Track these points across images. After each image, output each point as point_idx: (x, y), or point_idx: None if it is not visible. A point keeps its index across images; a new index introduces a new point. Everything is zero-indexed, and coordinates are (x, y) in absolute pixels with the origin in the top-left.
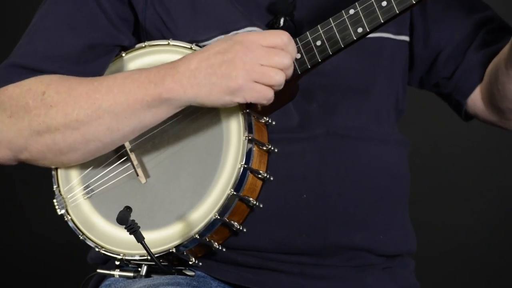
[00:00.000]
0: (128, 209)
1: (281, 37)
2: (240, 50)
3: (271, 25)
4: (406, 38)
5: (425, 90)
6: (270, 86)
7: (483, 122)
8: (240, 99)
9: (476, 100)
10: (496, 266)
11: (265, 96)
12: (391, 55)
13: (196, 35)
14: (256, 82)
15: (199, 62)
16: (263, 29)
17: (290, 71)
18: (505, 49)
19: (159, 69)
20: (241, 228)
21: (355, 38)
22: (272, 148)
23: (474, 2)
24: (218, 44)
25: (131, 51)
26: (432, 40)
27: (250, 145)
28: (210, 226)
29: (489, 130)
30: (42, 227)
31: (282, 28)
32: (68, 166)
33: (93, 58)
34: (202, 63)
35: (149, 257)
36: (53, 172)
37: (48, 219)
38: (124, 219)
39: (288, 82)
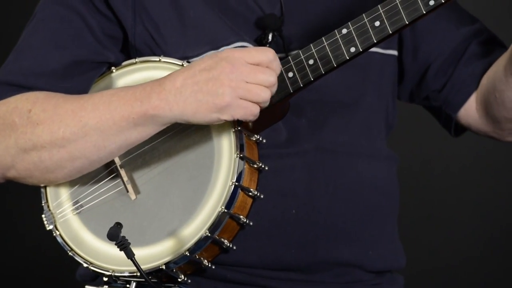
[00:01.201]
0: (118, 225)
1: (266, 54)
2: (226, 67)
3: (260, 41)
4: (395, 52)
5: (415, 105)
6: (256, 103)
7: (476, 133)
8: (227, 116)
9: (470, 110)
10: (485, 284)
11: (251, 112)
12: (380, 69)
13: (186, 51)
14: (242, 99)
15: (185, 79)
16: (252, 44)
17: (275, 88)
18: (504, 57)
19: (145, 87)
20: (230, 245)
21: (348, 58)
22: (263, 166)
23: (462, 15)
24: (203, 61)
25: (122, 67)
26: (421, 53)
27: (241, 163)
28: (201, 244)
29: (479, 146)
30: (31, 243)
31: (271, 43)
32: (55, 184)
33: (79, 74)
34: (187, 80)
35: (138, 274)
36: (42, 189)
37: (37, 235)
38: (115, 235)
39: (280, 100)
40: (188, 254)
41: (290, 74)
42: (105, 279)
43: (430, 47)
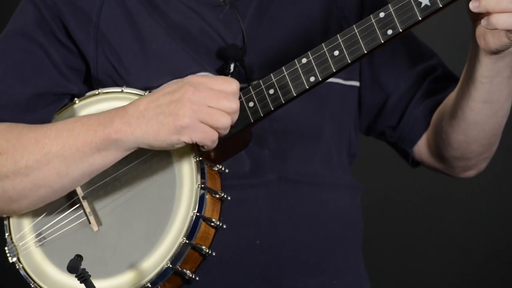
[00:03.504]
0: (78, 257)
1: (231, 85)
2: (189, 90)
3: (222, 71)
4: (356, 83)
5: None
6: (216, 128)
7: (429, 169)
8: (186, 138)
9: (421, 148)
10: None
11: (210, 137)
12: (341, 100)
13: (149, 82)
14: (202, 122)
15: (148, 103)
16: (215, 74)
17: (235, 116)
18: (448, 99)
19: (108, 112)
20: (193, 276)
21: (307, 87)
22: (225, 196)
23: (421, 50)
24: (168, 85)
25: (84, 98)
26: (378, 87)
27: (202, 193)
28: (162, 275)
29: (441, 175)
30: None
31: (233, 73)
32: (19, 214)
33: (42, 106)
34: (151, 103)
35: None
36: (5, 221)
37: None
38: (75, 267)
39: (241, 130)
40: (150, 286)
41: (251, 104)
42: None
43: (387, 82)
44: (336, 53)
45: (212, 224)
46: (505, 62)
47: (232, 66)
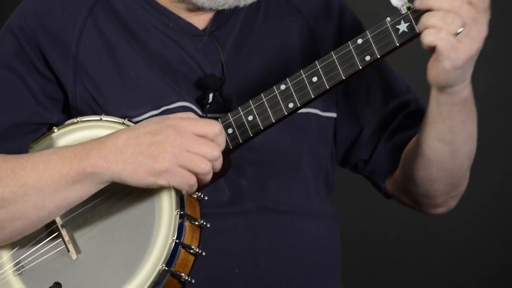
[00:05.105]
0: (57, 285)
1: (213, 127)
2: (171, 134)
3: (200, 101)
4: (333, 115)
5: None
6: (195, 174)
7: (400, 203)
8: (164, 181)
9: (392, 182)
10: None
11: (188, 182)
12: (318, 131)
13: (128, 111)
14: (181, 167)
15: (127, 140)
16: (193, 104)
17: (217, 164)
18: (412, 139)
19: (85, 145)
20: None
21: (286, 113)
22: (205, 223)
23: (396, 85)
24: (149, 124)
25: (63, 127)
26: (353, 120)
27: (181, 220)
28: None
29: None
30: None
31: (211, 103)
32: None
33: (19, 135)
34: (130, 141)
35: None
36: None
37: None
38: None
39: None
40: None
41: (230, 131)
42: None
43: (361, 115)
44: (315, 79)
45: (192, 251)
46: (457, 108)
47: (210, 96)
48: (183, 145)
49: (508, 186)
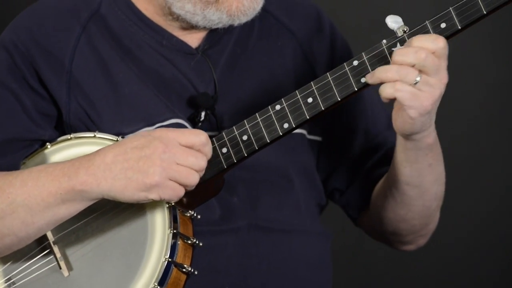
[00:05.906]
0: None
1: (199, 137)
2: (158, 147)
3: (193, 119)
4: (319, 138)
5: None
6: (184, 186)
7: (371, 237)
8: (155, 195)
9: (364, 217)
10: None
11: (177, 194)
12: (306, 152)
13: (122, 128)
14: (171, 180)
15: (116, 156)
16: (186, 121)
17: (203, 173)
18: (380, 182)
19: (73, 162)
20: None
21: (281, 134)
22: (197, 242)
23: (383, 119)
24: (136, 138)
25: (57, 143)
26: (336, 147)
27: (174, 239)
28: None
29: None
30: None
31: (203, 121)
32: None
33: (11, 151)
34: (118, 157)
35: None
36: None
37: None
38: None
39: (214, 176)
40: None
41: (224, 150)
42: None
43: (342, 144)
44: (310, 100)
45: (184, 270)
46: (423, 153)
47: (203, 114)
48: (171, 157)
49: (508, 187)
